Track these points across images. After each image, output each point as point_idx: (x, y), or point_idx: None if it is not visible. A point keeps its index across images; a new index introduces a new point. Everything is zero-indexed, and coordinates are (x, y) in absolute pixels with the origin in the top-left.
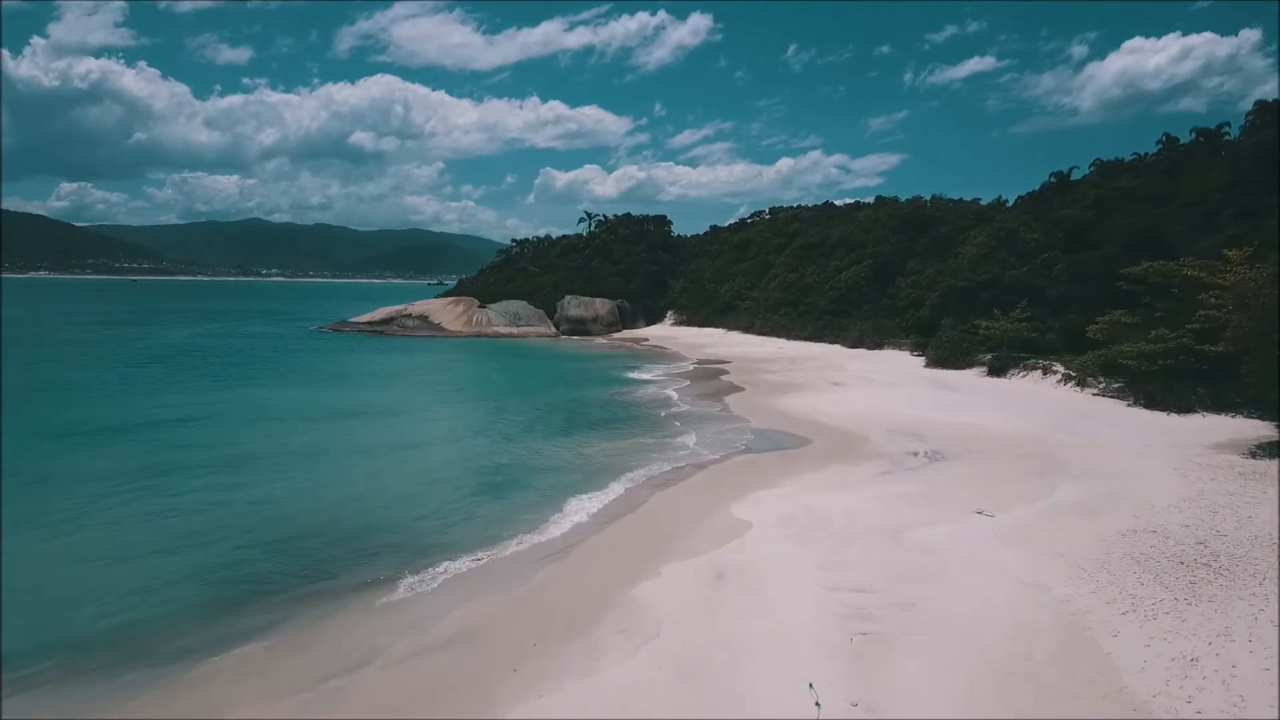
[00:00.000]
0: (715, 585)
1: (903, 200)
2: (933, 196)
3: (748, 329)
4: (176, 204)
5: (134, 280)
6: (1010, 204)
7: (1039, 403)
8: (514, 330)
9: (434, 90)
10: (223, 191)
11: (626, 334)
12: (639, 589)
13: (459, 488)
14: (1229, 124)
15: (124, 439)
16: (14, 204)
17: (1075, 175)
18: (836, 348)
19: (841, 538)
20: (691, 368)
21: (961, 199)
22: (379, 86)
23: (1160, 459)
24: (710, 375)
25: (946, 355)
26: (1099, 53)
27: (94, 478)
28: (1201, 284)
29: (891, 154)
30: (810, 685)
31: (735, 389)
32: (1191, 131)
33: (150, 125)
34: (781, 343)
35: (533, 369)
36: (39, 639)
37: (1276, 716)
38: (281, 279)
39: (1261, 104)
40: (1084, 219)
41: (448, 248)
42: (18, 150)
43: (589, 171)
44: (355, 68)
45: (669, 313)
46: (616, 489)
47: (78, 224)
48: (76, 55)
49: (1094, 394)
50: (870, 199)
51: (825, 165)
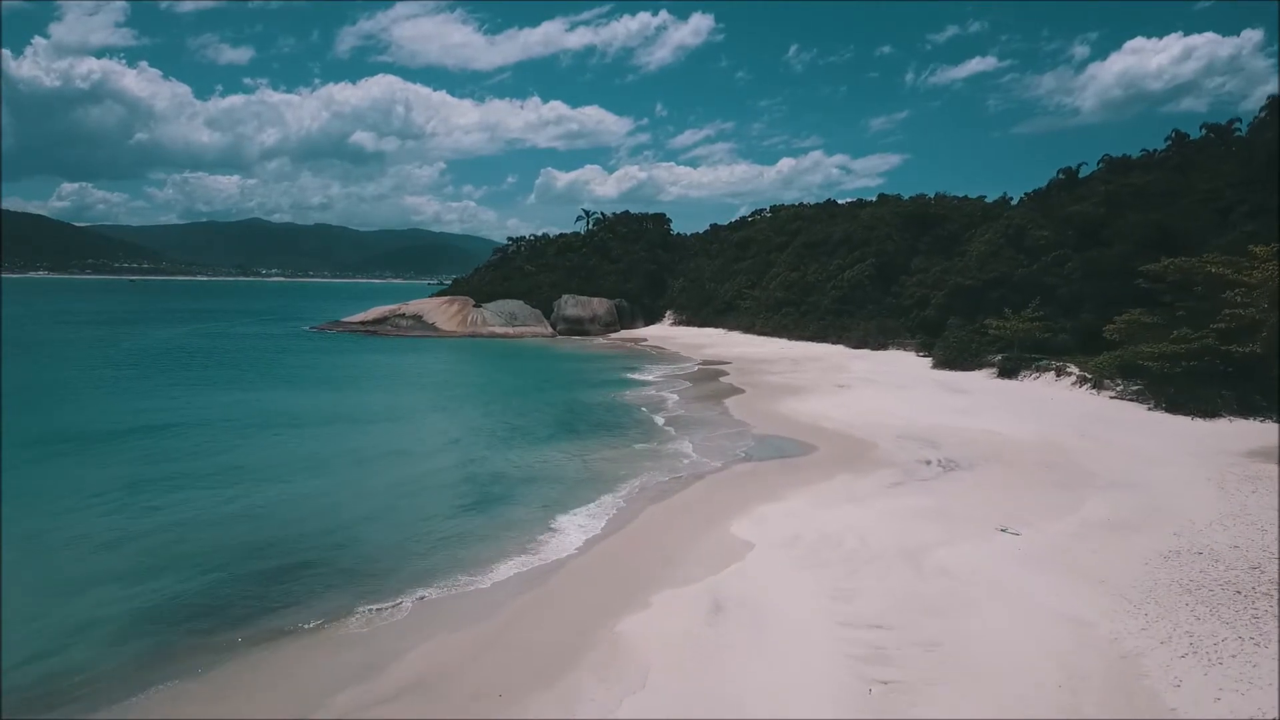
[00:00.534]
0: (711, 620)
1: (906, 198)
2: (937, 194)
3: (748, 329)
4: (177, 204)
5: (132, 280)
6: (1015, 202)
7: (1055, 406)
8: (510, 330)
9: (435, 90)
10: (223, 191)
11: (624, 334)
12: (624, 624)
13: (439, 501)
14: (1239, 120)
15: (92, 448)
16: (14, 204)
17: (1083, 173)
18: (840, 348)
19: (853, 561)
20: (691, 369)
21: (966, 196)
22: (380, 87)
23: (1190, 467)
24: (710, 377)
25: (954, 356)
26: (1100, 53)
27: (54, 494)
28: (1226, 281)
29: (893, 154)
30: None
31: (736, 391)
32: (1201, 127)
33: (151, 125)
34: (783, 343)
35: (527, 370)
36: None
37: None
38: (282, 279)
39: (1274, 99)
40: (1096, 216)
41: (448, 248)
42: (18, 150)
43: (590, 172)
44: (356, 68)
45: (668, 312)
46: (608, 502)
47: (78, 224)
48: (78, 55)
49: (1111, 397)
50: (873, 198)
51: (826, 165)
